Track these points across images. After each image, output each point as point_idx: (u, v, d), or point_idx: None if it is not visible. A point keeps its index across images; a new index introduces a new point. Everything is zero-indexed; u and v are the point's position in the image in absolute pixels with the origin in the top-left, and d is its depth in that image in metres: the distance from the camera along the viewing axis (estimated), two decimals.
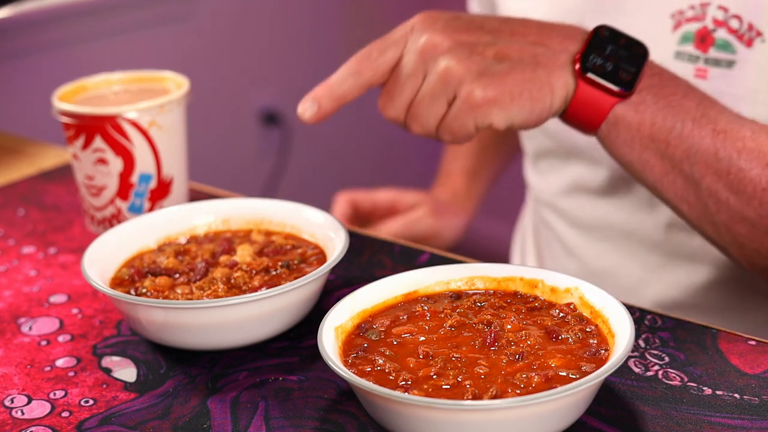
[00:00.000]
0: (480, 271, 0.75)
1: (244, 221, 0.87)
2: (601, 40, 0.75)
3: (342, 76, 0.76)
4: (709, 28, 0.85)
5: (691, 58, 0.86)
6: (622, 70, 0.75)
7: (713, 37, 0.85)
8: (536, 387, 0.62)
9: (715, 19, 0.85)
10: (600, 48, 0.75)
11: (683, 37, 0.87)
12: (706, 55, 0.86)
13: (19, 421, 0.69)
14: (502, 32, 0.75)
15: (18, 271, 0.91)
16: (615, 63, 0.75)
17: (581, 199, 1.01)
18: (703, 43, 0.85)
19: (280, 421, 0.67)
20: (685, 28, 0.87)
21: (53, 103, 0.95)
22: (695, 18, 0.86)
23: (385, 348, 0.67)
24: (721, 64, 0.85)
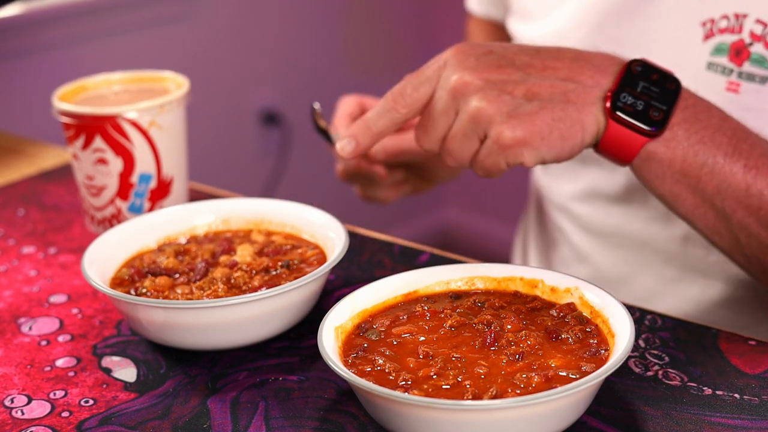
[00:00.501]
0: (480, 271, 0.75)
1: (244, 221, 0.87)
2: (632, 75, 0.74)
3: (378, 113, 0.77)
4: (746, 41, 0.84)
5: (725, 70, 0.85)
6: (653, 109, 0.75)
7: (749, 51, 0.84)
8: (536, 387, 0.62)
9: (752, 32, 0.83)
10: (632, 85, 0.74)
11: (717, 48, 0.85)
12: (740, 69, 0.84)
13: (19, 421, 0.69)
14: (533, 68, 0.74)
15: (18, 271, 0.91)
16: (646, 102, 0.74)
17: (596, 205, 1.00)
18: (738, 56, 0.84)
19: (280, 421, 0.67)
20: (718, 39, 0.85)
21: (53, 103, 0.95)
22: (730, 30, 0.85)
23: (385, 348, 0.67)
24: (755, 80, 0.84)
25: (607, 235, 1.00)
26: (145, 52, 2.09)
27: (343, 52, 2.57)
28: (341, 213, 0.91)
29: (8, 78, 1.86)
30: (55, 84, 1.11)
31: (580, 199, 1.02)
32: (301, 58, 2.46)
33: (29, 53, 1.88)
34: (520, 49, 0.75)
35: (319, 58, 2.50)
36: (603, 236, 1.00)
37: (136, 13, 2.06)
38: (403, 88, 0.76)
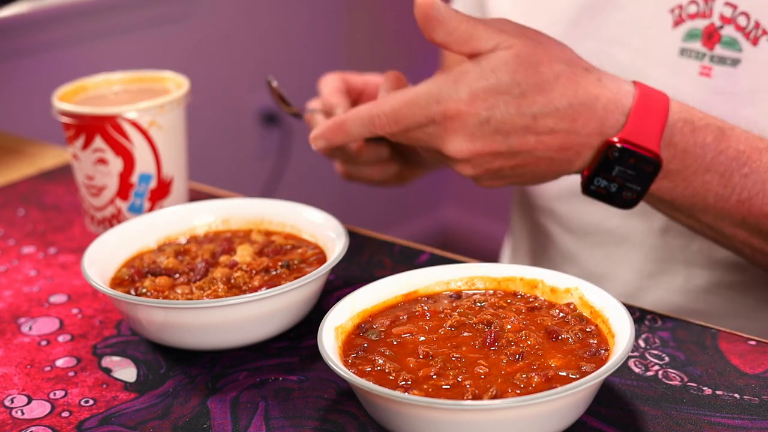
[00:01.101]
0: (480, 271, 0.75)
1: (244, 221, 0.87)
2: (608, 161, 0.74)
3: (360, 122, 0.75)
4: (717, 24, 0.85)
5: (698, 55, 0.86)
6: (627, 190, 0.75)
7: (720, 33, 0.85)
8: (536, 387, 0.62)
9: (722, 15, 0.84)
10: (607, 170, 0.74)
11: (689, 34, 0.86)
12: (712, 53, 0.85)
13: (19, 421, 0.69)
14: (526, 145, 0.73)
15: (18, 271, 0.91)
16: (620, 184, 0.75)
17: (577, 203, 1.01)
18: (710, 40, 0.85)
19: (280, 421, 0.67)
20: (689, 25, 0.86)
21: (53, 103, 0.95)
22: (701, 14, 0.85)
23: (385, 348, 0.67)
24: (726, 62, 0.84)
25: (589, 233, 1.00)
26: (145, 52, 2.09)
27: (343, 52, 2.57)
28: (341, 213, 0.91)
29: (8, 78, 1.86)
30: (55, 84, 1.11)
31: (562, 199, 1.02)
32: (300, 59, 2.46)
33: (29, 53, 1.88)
34: (521, 112, 0.72)
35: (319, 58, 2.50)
36: (585, 235, 1.01)
37: (136, 13, 2.06)
38: (395, 119, 0.73)
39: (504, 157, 0.73)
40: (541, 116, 0.71)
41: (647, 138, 0.73)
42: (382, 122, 0.73)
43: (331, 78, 1.01)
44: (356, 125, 0.75)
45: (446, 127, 0.71)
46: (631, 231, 0.97)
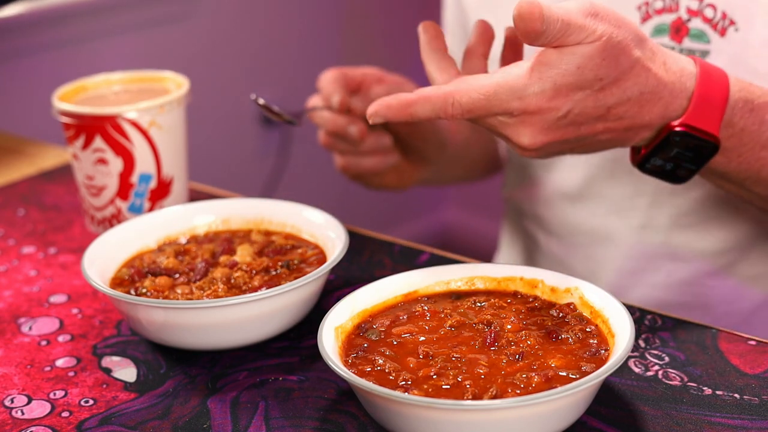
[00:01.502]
0: (480, 271, 0.75)
1: (244, 221, 0.87)
2: (669, 144, 0.74)
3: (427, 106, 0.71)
4: (684, 18, 0.85)
5: None
6: (681, 169, 0.75)
7: (687, 26, 0.85)
8: (536, 387, 0.62)
9: (689, 8, 0.85)
10: (665, 151, 0.74)
11: (656, 29, 0.86)
12: (681, 46, 0.85)
13: (19, 421, 0.69)
14: (594, 132, 0.73)
15: (18, 271, 0.91)
16: (676, 163, 0.75)
17: (558, 206, 1.01)
18: (678, 33, 0.85)
19: (280, 421, 0.67)
20: (657, 20, 0.86)
21: (53, 103, 0.95)
22: (668, 9, 0.85)
23: (385, 348, 0.67)
24: (695, 54, 0.84)
25: (571, 234, 1.01)
26: (145, 52, 2.09)
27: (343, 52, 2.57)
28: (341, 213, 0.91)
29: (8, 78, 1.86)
30: (55, 84, 1.11)
31: (546, 203, 1.03)
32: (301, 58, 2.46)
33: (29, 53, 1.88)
34: (596, 105, 0.71)
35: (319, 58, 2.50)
36: (567, 236, 1.01)
37: (136, 14, 2.06)
38: (470, 110, 0.70)
39: (571, 142, 0.73)
40: (614, 106, 0.71)
41: (708, 121, 0.73)
42: (455, 111, 0.70)
43: (329, 72, 1.00)
44: (426, 108, 0.70)
45: (523, 121, 0.70)
46: (610, 230, 0.97)
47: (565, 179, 1.00)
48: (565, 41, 0.69)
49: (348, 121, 0.95)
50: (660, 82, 0.72)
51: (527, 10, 0.67)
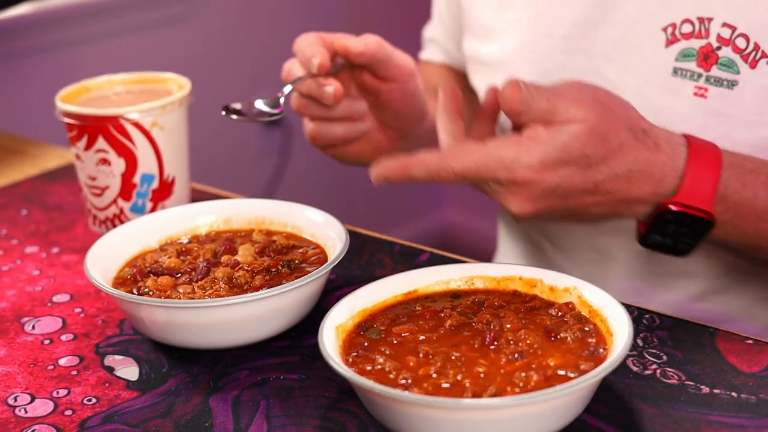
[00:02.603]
0: (480, 270, 0.75)
1: (246, 221, 0.87)
2: (664, 222, 0.75)
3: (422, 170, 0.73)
4: (714, 45, 0.84)
5: (693, 75, 0.85)
6: (681, 244, 0.77)
7: (717, 54, 0.84)
8: (535, 386, 0.62)
9: (720, 36, 0.84)
10: (662, 228, 0.76)
11: (683, 53, 0.86)
12: (708, 74, 0.84)
13: (22, 419, 0.69)
14: (583, 204, 0.75)
15: (21, 270, 0.91)
16: (674, 238, 0.77)
17: None
18: (707, 61, 0.84)
19: (281, 420, 0.68)
20: (684, 45, 0.85)
21: (56, 104, 0.95)
22: (697, 35, 0.85)
23: (385, 347, 0.68)
24: (723, 84, 0.84)
25: (579, 249, 1.00)
26: (147, 54, 2.09)
27: None
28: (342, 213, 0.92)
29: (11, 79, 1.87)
30: (58, 85, 1.12)
31: None
32: None
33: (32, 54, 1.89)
34: (583, 180, 0.73)
35: None
36: (575, 251, 1.01)
37: (138, 15, 2.07)
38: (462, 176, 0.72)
39: (560, 212, 0.75)
40: (601, 183, 0.73)
41: (701, 198, 0.75)
42: (448, 176, 0.73)
43: (306, 36, 0.94)
44: (421, 171, 0.73)
45: (511, 190, 0.73)
46: (618, 250, 0.97)
47: None
48: (552, 120, 0.71)
49: (324, 83, 0.91)
50: (649, 160, 0.74)
51: (509, 93, 0.72)
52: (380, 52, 0.91)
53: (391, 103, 0.95)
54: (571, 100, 0.72)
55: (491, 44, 0.99)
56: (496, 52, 0.98)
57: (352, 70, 0.94)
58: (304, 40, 0.92)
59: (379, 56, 0.91)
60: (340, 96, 0.91)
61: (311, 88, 0.91)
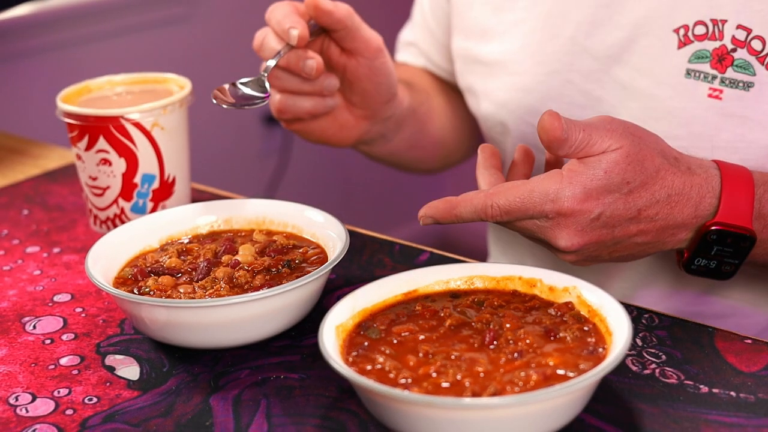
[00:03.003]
0: (479, 270, 0.76)
1: (246, 221, 0.87)
2: (707, 243, 0.77)
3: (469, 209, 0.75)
4: (728, 47, 0.84)
5: (707, 77, 0.85)
6: (725, 265, 0.78)
7: (732, 57, 0.84)
8: (534, 385, 0.62)
9: (735, 38, 0.84)
10: (706, 250, 0.77)
11: (696, 55, 0.86)
12: (724, 75, 0.85)
13: (23, 418, 0.69)
14: (627, 234, 0.76)
15: (22, 270, 0.92)
16: (719, 260, 0.78)
17: None
18: (721, 63, 0.84)
19: (281, 419, 0.68)
20: (697, 46, 0.86)
21: (57, 104, 0.95)
22: (711, 37, 0.85)
23: (385, 347, 0.68)
24: (739, 86, 0.84)
25: None
26: (148, 54, 2.09)
27: None
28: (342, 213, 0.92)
29: (12, 79, 1.87)
30: (59, 85, 1.12)
31: None
32: None
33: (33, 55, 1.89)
34: (626, 207, 0.74)
35: None
36: None
37: (139, 15, 2.07)
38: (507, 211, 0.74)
39: (607, 245, 0.76)
40: (644, 209, 0.75)
41: (741, 216, 0.76)
42: (494, 212, 0.74)
43: (280, 6, 0.91)
44: (467, 209, 0.75)
45: (558, 223, 0.74)
46: None
47: None
48: (589, 151, 0.73)
49: (303, 56, 0.89)
50: (686, 184, 0.75)
51: (549, 122, 0.72)
52: (348, 19, 0.90)
53: (358, 79, 0.94)
54: (605, 131, 0.74)
55: (490, 44, 0.99)
56: (496, 52, 0.98)
57: (321, 43, 0.93)
58: (278, 10, 0.90)
59: (346, 23, 0.90)
60: (321, 70, 0.90)
61: (290, 60, 0.90)
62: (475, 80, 1.02)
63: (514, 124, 0.98)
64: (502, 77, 0.98)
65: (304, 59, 0.89)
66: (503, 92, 0.98)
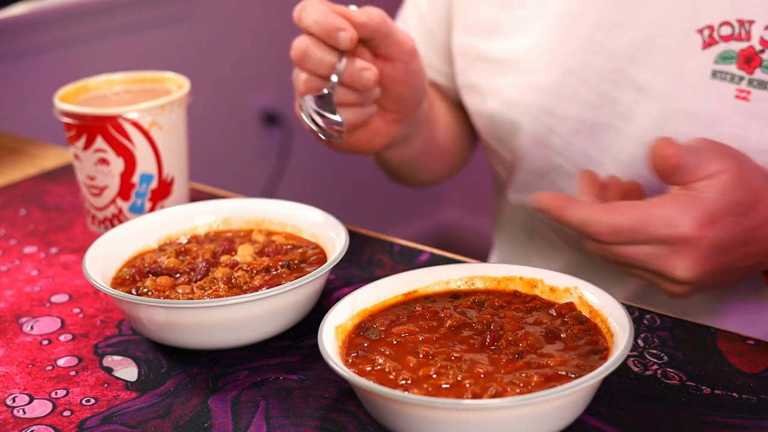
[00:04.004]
0: (480, 270, 0.75)
1: (245, 221, 0.87)
2: None
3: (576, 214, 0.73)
4: (756, 48, 0.83)
5: (733, 78, 0.84)
6: None
7: (761, 57, 0.83)
8: (536, 386, 0.62)
9: (762, 39, 0.83)
10: None
11: (722, 56, 0.84)
12: (751, 76, 0.84)
13: (20, 420, 0.69)
14: (742, 255, 0.74)
15: (20, 270, 0.91)
16: None
17: None
18: (749, 64, 0.83)
19: (280, 420, 0.67)
20: (723, 47, 0.84)
21: (55, 103, 0.95)
22: (737, 37, 0.84)
23: (385, 347, 0.68)
24: (766, 87, 0.83)
25: None
26: (146, 53, 2.09)
27: None
28: (342, 213, 0.91)
29: (10, 78, 1.87)
30: (57, 84, 1.12)
31: None
32: None
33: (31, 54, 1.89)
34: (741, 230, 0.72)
35: None
36: None
37: (137, 14, 2.06)
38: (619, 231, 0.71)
39: (721, 272, 0.74)
40: (755, 229, 0.73)
41: None
42: (599, 228, 0.71)
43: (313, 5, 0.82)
44: (575, 216, 0.72)
45: (677, 251, 0.71)
46: None
47: None
48: (697, 175, 0.72)
49: (357, 66, 0.82)
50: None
51: (666, 149, 0.71)
52: (383, 25, 0.84)
53: (394, 83, 0.88)
54: (710, 153, 0.72)
55: (497, 41, 0.98)
56: (505, 50, 0.97)
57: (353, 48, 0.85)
58: (312, 11, 0.81)
59: (381, 29, 0.84)
60: (377, 81, 0.84)
61: (353, 74, 0.83)
62: (479, 78, 1.00)
63: (527, 124, 0.97)
64: (513, 75, 0.97)
65: (359, 70, 0.82)
66: (514, 91, 0.97)
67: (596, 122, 0.93)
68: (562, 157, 0.97)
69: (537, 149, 0.98)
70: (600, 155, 0.93)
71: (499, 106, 0.99)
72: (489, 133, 1.03)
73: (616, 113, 0.91)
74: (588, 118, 0.93)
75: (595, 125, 0.93)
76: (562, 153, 0.97)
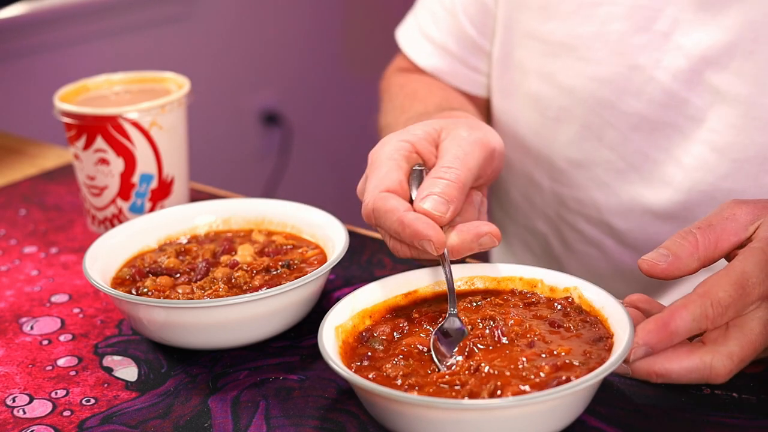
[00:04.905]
0: (480, 270, 0.75)
1: (245, 221, 0.87)
2: None
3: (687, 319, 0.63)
4: None
5: None
6: None
7: None
8: (546, 376, 0.62)
9: None
10: None
11: None
12: None
13: (20, 420, 0.69)
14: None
15: (19, 270, 0.91)
16: None
17: (644, 220, 0.94)
18: None
19: (280, 420, 0.67)
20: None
21: (55, 103, 0.95)
22: None
23: (393, 357, 0.67)
24: None
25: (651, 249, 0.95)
26: (146, 53, 2.09)
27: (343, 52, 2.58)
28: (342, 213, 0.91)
29: (10, 78, 1.87)
30: (57, 84, 1.12)
31: (625, 215, 0.95)
32: (301, 58, 2.47)
33: (31, 54, 1.89)
34: None
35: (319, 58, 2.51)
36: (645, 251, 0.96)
37: (137, 14, 2.07)
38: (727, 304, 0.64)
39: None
40: None
41: None
42: (716, 312, 0.63)
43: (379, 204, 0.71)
44: (684, 320, 0.63)
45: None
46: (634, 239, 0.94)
47: (650, 194, 0.93)
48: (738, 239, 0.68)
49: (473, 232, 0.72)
50: None
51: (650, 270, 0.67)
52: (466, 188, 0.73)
53: None
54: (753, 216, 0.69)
55: (551, 22, 0.93)
56: (562, 33, 0.93)
57: None
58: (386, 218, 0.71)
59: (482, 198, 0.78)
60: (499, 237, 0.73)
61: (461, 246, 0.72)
62: (526, 55, 0.95)
63: (582, 114, 0.93)
64: (569, 61, 0.92)
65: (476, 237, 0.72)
66: (571, 77, 0.93)
67: (661, 121, 0.89)
68: (614, 152, 0.93)
69: (586, 140, 0.94)
70: (658, 154, 0.91)
71: (550, 91, 0.94)
72: (518, 111, 0.97)
73: (685, 114, 0.88)
74: (652, 116, 0.90)
75: (658, 124, 0.90)
76: (615, 148, 0.93)
